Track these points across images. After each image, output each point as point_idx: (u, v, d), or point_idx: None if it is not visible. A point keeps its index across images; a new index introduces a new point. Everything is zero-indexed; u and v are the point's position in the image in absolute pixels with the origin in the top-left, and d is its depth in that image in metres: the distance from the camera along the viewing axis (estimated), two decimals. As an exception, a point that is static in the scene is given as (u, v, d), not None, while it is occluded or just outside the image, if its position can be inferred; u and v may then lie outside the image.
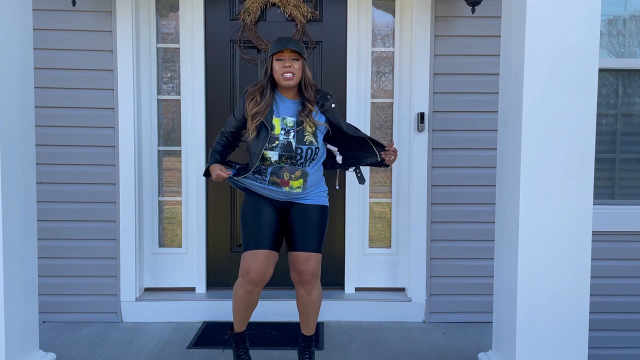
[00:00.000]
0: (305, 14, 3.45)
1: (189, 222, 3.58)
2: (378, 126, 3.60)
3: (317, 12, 3.50)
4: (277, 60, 2.48)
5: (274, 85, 2.54)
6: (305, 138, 2.50)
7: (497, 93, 2.60)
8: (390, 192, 3.63)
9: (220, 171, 2.46)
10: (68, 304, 3.40)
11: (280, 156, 2.48)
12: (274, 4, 3.46)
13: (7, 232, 2.26)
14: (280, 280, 3.50)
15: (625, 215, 3.48)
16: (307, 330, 2.65)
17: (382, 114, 3.60)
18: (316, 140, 2.51)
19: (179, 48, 3.51)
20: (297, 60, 2.49)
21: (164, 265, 3.60)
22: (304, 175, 2.53)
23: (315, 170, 2.56)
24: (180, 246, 3.61)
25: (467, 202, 3.43)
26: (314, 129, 2.52)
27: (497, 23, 2.67)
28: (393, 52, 3.55)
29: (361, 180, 2.73)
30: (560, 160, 2.27)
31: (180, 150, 3.56)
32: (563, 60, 2.25)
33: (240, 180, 2.56)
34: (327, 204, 2.63)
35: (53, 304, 3.35)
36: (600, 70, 3.52)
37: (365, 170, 3.54)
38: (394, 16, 3.53)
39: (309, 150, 2.50)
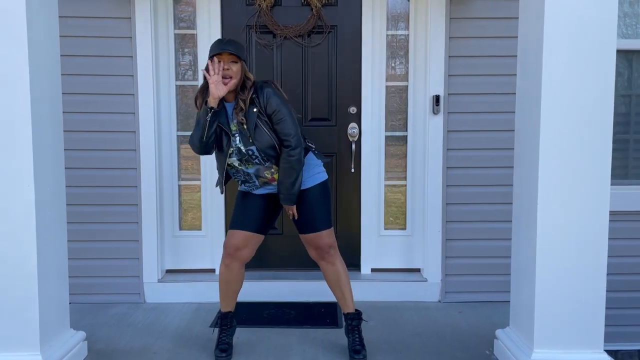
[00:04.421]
0: (321, -2, 3.48)
1: (209, 206, 3.64)
2: (393, 110, 3.62)
3: (332, -4, 3.53)
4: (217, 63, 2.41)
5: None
6: (249, 138, 2.48)
7: (513, 75, 2.61)
8: (405, 174, 3.67)
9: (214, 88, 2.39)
10: (93, 285, 3.48)
11: (239, 160, 2.52)
12: (289, -11, 3.49)
13: (40, 216, 2.33)
14: (298, 262, 3.59)
15: (637, 195, 3.50)
16: (348, 307, 2.68)
17: (397, 97, 3.63)
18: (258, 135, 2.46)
19: (196, 34, 3.54)
20: (236, 62, 2.45)
21: (184, 247, 3.68)
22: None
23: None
24: (200, 229, 3.67)
25: (482, 184, 3.46)
26: (246, 125, 2.45)
27: (512, 5, 2.68)
28: (407, 35, 3.57)
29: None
30: (578, 139, 2.27)
31: (198, 135, 3.61)
32: (581, 38, 2.23)
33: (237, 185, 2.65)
34: (320, 180, 2.61)
35: (78, 286, 3.39)
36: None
37: (381, 150, 3.58)
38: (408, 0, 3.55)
39: (258, 150, 2.48)
